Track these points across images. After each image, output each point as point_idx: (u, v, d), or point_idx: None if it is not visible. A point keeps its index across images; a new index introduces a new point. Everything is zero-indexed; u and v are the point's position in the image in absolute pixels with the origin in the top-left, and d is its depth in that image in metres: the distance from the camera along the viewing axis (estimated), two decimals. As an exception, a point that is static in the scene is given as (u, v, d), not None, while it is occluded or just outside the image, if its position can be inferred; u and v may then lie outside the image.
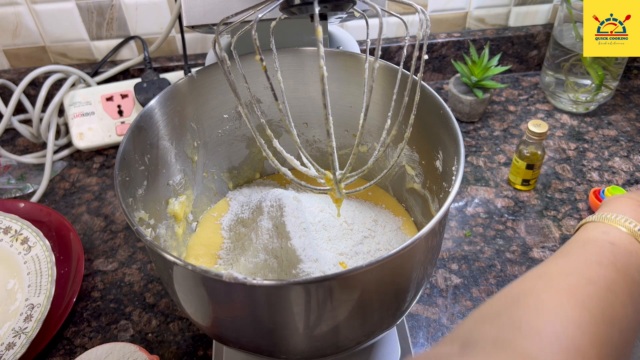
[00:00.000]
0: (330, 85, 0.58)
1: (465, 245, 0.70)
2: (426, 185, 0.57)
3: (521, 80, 0.98)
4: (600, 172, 0.80)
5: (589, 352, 0.27)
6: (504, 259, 0.68)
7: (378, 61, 0.44)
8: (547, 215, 0.74)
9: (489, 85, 0.85)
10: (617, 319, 0.30)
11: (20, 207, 0.73)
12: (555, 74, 0.88)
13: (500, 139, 0.86)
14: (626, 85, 0.95)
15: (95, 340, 0.62)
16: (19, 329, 0.59)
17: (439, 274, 0.67)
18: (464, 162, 0.45)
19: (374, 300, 0.42)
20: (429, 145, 0.54)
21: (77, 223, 0.76)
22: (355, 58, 0.58)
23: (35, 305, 0.61)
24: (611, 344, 0.28)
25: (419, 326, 0.62)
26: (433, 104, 0.50)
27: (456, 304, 0.64)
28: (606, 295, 0.31)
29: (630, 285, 0.33)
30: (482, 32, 0.96)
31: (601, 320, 0.29)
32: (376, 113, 0.59)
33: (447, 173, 0.50)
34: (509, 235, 0.71)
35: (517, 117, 0.90)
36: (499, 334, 0.28)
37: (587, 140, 0.85)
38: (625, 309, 0.31)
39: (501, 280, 0.66)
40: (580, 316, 0.29)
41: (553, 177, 0.79)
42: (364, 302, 0.41)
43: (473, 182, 0.79)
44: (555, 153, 0.83)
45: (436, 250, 0.48)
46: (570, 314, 0.29)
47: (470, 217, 0.74)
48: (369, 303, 0.42)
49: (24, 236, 0.66)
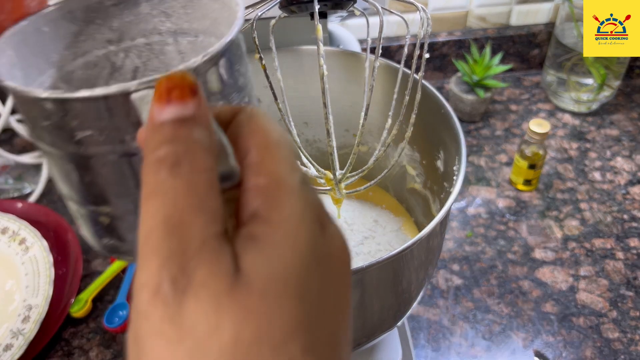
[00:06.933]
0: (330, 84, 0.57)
1: (467, 245, 0.70)
2: (427, 185, 0.57)
3: (522, 80, 0.97)
4: (603, 172, 0.79)
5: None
6: (506, 260, 0.68)
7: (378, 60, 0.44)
8: (548, 215, 0.73)
9: (491, 84, 0.84)
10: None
11: (18, 207, 0.73)
12: (557, 73, 0.88)
13: (502, 138, 0.86)
14: (628, 85, 0.94)
15: (94, 342, 0.62)
16: (17, 330, 0.59)
17: (440, 274, 0.67)
18: (465, 162, 0.44)
19: (374, 301, 0.42)
20: (430, 144, 0.54)
21: (75, 223, 0.75)
22: (356, 57, 0.57)
23: (33, 306, 0.60)
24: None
25: (420, 327, 0.61)
26: (434, 103, 0.50)
27: (457, 305, 0.63)
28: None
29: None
30: (483, 31, 0.95)
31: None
32: (377, 112, 0.58)
33: (448, 173, 0.50)
34: (510, 236, 0.71)
35: (519, 117, 0.89)
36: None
37: (589, 140, 0.85)
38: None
39: (502, 281, 0.65)
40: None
41: (555, 177, 0.79)
42: (364, 303, 0.41)
43: (474, 182, 0.78)
44: (557, 153, 0.82)
45: (437, 250, 0.47)
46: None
47: (472, 218, 0.73)
48: (370, 304, 0.42)
49: (21, 237, 0.66)
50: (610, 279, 0.65)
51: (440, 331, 0.61)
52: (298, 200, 0.18)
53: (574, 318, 0.62)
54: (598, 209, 0.74)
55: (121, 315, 0.63)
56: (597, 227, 0.71)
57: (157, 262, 0.16)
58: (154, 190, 0.17)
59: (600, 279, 0.66)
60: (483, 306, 0.63)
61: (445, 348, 0.60)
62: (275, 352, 0.16)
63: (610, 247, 0.69)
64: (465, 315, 0.62)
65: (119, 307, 0.63)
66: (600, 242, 0.70)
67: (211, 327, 0.15)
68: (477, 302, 0.63)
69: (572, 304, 0.63)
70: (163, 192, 0.17)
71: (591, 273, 0.66)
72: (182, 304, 0.15)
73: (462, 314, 0.62)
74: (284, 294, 0.17)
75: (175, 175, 0.17)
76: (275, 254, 0.17)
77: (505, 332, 0.61)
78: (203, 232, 0.16)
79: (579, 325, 0.61)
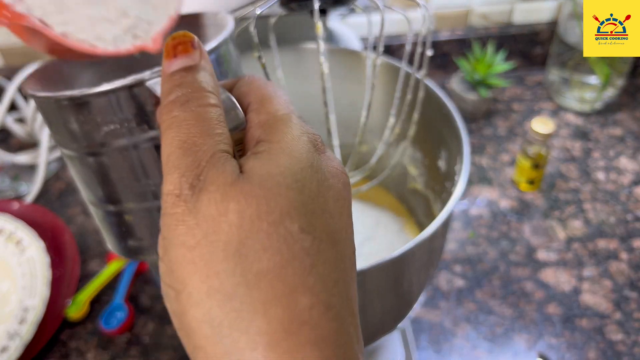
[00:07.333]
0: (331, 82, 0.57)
1: (469, 246, 0.69)
2: (429, 185, 0.56)
3: (525, 79, 0.96)
4: (606, 172, 0.78)
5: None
6: (508, 261, 0.67)
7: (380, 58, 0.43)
8: (551, 216, 0.72)
9: (493, 83, 0.83)
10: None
11: (14, 207, 0.72)
12: (560, 72, 0.87)
13: (504, 138, 0.85)
14: (632, 84, 0.93)
15: (91, 343, 0.61)
16: (14, 332, 0.58)
17: (441, 276, 0.66)
18: (468, 162, 0.44)
19: (375, 303, 0.41)
20: (432, 144, 0.53)
21: (72, 224, 0.75)
22: (357, 55, 0.56)
23: (29, 308, 0.60)
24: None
25: (421, 329, 0.61)
26: (436, 101, 0.49)
27: (459, 306, 0.63)
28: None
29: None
30: (485, 29, 0.95)
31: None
32: (378, 111, 0.57)
33: (450, 173, 0.49)
34: (513, 237, 0.70)
35: (521, 116, 0.88)
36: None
37: (593, 140, 0.84)
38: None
39: (505, 282, 0.65)
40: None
41: (558, 177, 0.78)
42: (365, 304, 0.40)
43: (476, 182, 0.78)
44: (560, 152, 0.82)
45: (439, 252, 0.47)
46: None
47: (474, 218, 0.72)
48: (370, 305, 0.41)
49: (18, 237, 0.65)
50: (614, 280, 0.65)
51: (442, 333, 0.60)
52: (294, 126, 0.22)
53: (577, 320, 0.61)
54: (602, 209, 0.73)
55: (118, 316, 0.62)
56: (600, 228, 0.71)
57: (178, 174, 0.20)
58: (170, 125, 0.21)
59: (603, 280, 0.65)
60: (485, 308, 0.63)
61: (447, 350, 0.59)
62: (273, 226, 0.19)
63: (614, 248, 0.68)
64: (467, 317, 0.61)
65: (116, 309, 0.63)
66: (603, 243, 0.69)
67: (220, 212, 0.19)
68: (479, 304, 0.63)
69: (576, 306, 0.62)
70: (177, 124, 0.21)
71: (595, 274, 0.65)
72: (197, 200, 0.19)
73: (464, 315, 0.62)
74: (282, 185, 0.20)
75: (185, 110, 0.21)
76: (274, 159, 0.20)
77: (507, 333, 0.60)
78: (212, 149, 0.20)
79: (582, 327, 0.60)
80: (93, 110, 0.25)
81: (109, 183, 0.28)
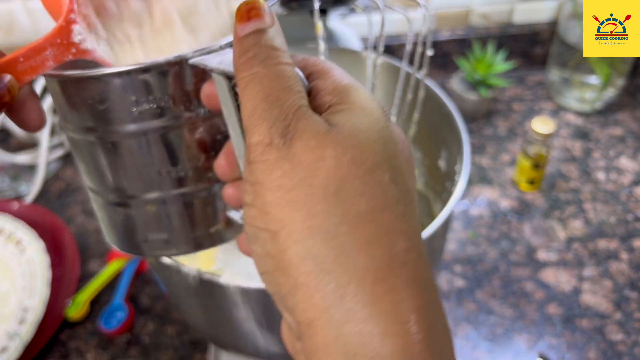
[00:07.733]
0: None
1: (469, 246, 0.69)
2: (429, 185, 0.56)
3: (525, 78, 0.96)
4: (607, 172, 0.78)
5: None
6: (509, 261, 0.67)
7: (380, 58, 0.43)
8: (552, 216, 0.72)
9: (493, 83, 0.83)
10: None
11: (14, 207, 0.72)
12: (561, 71, 0.87)
13: (504, 138, 0.85)
14: (632, 84, 0.93)
15: (91, 344, 0.61)
16: (13, 332, 0.58)
17: (442, 276, 0.66)
18: (468, 162, 0.44)
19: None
20: (432, 144, 0.53)
21: (72, 224, 0.75)
22: (357, 55, 0.56)
23: (29, 308, 0.60)
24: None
25: (421, 330, 0.61)
26: (436, 101, 0.49)
27: (460, 306, 0.63)
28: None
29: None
30: (485, 29, 0.95)
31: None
32: (378, 111, 0.57)
33: (451, 173, 0.49)
34: (513, 237, 0.70)
35: (522, 116, 0.88)
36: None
37: (593, 140, 0.84)
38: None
39: (505, 282, 0.65)
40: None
41: (558, 177, 0.78)
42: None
43: (477, 182, 0.78)
44: (560, 152, 0.82)
45: (439, 252, 0.46)
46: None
47: (474, 218, 0.72)
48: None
49: (17, 237, 0.65)
50: (614, 280, 0.65)
51: (442, 333, 0.60)
52: (363, 91, 0.23)
53: (577, 320, 0.61)
54: (602, 209, 0.73)
55: (118, 317, 0.62)
56: (601, 228, 0.71)
57: (267, 125, 0.21)
58: (251, 80, 0.21)
59: (604, 280, 0.65)
60: (485, 308, 0.62)
61: (448, 350, 0.59)
62: (368, 174, 0.20)
63: (614, 248, 0.68)
64: (467, 317, 0.61)
65: (116, 309, 0.63)
66: (604, 243, 0.69)
67: (317, 157, 0.20)
68: (479, 304, 0.63)
69: (576, 306, 0.62)
70: (258, 80, 0.21)
71: (595, 274, 0.65)
72: (291, 147, 0.20)
73: (464, 315, 0.62)
74: (370, 139, 0.21)
75: (265, 66, 0.21)
76: (356, 117, 0.22)
77: (508, 334, 0.60)
78: (297, 102, 0.21)
79: (582, 327, 0.60)
80: (130, 89, 0.25)
81: (134, 169, 0.27)
